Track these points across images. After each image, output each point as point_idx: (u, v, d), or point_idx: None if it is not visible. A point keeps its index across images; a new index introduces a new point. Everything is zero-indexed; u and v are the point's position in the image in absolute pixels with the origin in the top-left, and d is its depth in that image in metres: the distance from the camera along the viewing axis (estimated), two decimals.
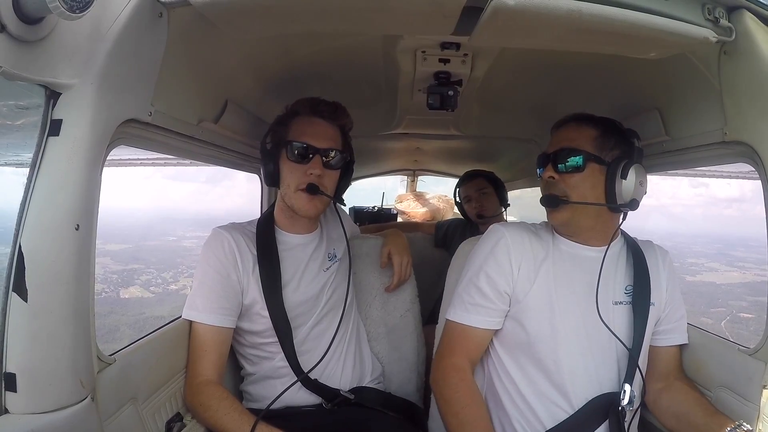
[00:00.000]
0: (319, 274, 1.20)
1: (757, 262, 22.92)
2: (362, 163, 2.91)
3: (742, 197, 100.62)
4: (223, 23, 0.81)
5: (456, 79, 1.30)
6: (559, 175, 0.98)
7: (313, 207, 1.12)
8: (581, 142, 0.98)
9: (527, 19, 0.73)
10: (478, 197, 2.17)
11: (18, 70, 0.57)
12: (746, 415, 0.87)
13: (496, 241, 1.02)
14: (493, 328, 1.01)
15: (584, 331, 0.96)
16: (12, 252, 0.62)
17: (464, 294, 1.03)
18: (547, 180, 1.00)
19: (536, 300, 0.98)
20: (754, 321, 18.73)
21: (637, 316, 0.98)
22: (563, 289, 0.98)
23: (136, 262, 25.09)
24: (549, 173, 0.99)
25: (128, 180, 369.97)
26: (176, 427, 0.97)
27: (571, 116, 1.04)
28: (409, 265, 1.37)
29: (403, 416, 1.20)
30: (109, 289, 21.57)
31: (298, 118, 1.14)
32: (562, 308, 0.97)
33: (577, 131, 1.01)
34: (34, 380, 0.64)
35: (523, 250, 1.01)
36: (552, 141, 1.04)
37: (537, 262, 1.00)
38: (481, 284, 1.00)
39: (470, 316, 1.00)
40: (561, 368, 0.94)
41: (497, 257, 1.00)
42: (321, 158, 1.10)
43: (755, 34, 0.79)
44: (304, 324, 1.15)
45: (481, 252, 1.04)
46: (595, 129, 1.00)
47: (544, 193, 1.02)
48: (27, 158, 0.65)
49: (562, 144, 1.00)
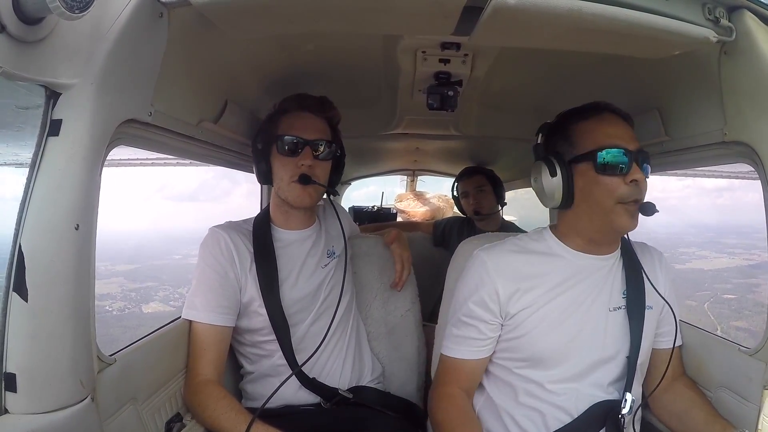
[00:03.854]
0: (316, 271, 1.20)
1: (746, 247, 23.76)
2: (362, 163, 2.94)
3: (730, 186, 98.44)
4: (223, 23, 0.81)
5: (456, 79, 1.30)
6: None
7: (307, 196, 1.13)
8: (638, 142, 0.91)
9: (527, 18, 0.73)
10: (476, 194, 2.19)
11: (18, 71, 0.57)
12: (746, 415, 0.87)
13: (476, 269, 0.98)
14: (483, 357, 0.98)
15: (584, 340, 0.94)
16: (12, 252, 0.62)
17: (453, 328, 1.00)
18: (631, 183, 0.88)
19: (531, 317, 0.94)
20: (736, 300, 19.37)
21: (633, 321, 0.96)
22: (563, 300, 0.95)
23: (150, 280, 26.34)
24: (639, 174, 0.88)
25: (125, 201, 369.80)
26: (176, 427, 0.96)
27: (607, 106, 0.95)
28: (409, 259, 1.39)
29: (402, 416, 1.20)
30: (131, 305, 23.49)
31: (287, 115, 1.16)
32: (560, 320, 0.94)
33: (629, 128, 0.93)
34: (34, 380, 0.64)
35: (509, 271, 0.96)
36: (610, 133, 0.91)
37: (527, 281, 0.95)
38: (466, 317, 0.97)
39: (459, 349, 0.98)
40: (560, 378, 0.93)
41: (480, 286, 0.96)
42: (311, 150, 1.12)
43: (756, 34, 0.79)
44: (302, 321, 1.15)
45: (464, 283, 1.00)
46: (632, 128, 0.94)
47: (627, 197, 0.88)
48: (27, 158, 0.65)
49: (635, 143, 0.91)
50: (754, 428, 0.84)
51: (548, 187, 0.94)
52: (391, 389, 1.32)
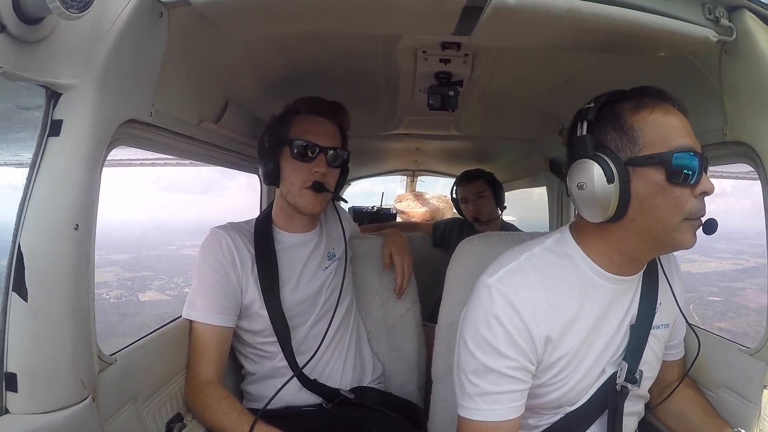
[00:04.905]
0: (317, 273, 1.20)
1: (735, 252, 24.72)
2: (362, 163, 2.94)
3: (722, 191, 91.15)
4: (223, 23, 0.82)
5: (457, 79, 1.30)
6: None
7: (318, 204, 1.13)
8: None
9: (527, 18, 0.73)
10: (476, 200, 2.13)
11: (18, 71, 0.57)
12: (746, 415, 0.87)
13: (502, 309, 0.75)
14: (519, 415, 0.77)
15: (597, 366, 0.83)
16: (12, 252, 0.62)
17: (474, 379, 0.76)
18: (701, 196, 0.72)
19: (565, 359, 0.79)
20: (720, 303, 20.42)
21: (635, 342, 0.84)
22: (594, 337, 0.81)
23: (145, 269, 27.01)
24: (709, 185, 0.71)
25: (121, 193, 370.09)
26: (177, 427, 0.96)
27: (664, 93, 0.77)
28: (410, 264, 1.37)
29: (403, 416, 1.20)
30: (127, 293, 24.25)
31: (300, 117, 1.14)
32: (586, 358, 0.81)
33: (689, 124, 0.75)
34: (34, 380, 0.64)
35: (541, 309, 0.76)
36: (680, 129, 0.73)
37: (563, 316, 0.78)
38: (495, 363, 0.75)
39: (490, 409, 0.75)
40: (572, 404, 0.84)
41: (508, 329, 0.75)
42: (325, 156, 1.11)
43: (756, 34, 0.79)
44: (303, 323, 1.15)
45: (482, 325, 0.76)
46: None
47: (696, 213, 0.72)
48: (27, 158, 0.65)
49: (698, 144, 0.74)
50: (755, 428, 0.84)
51: (603, 196, 0.72)
52: (392, 389, 1.32)
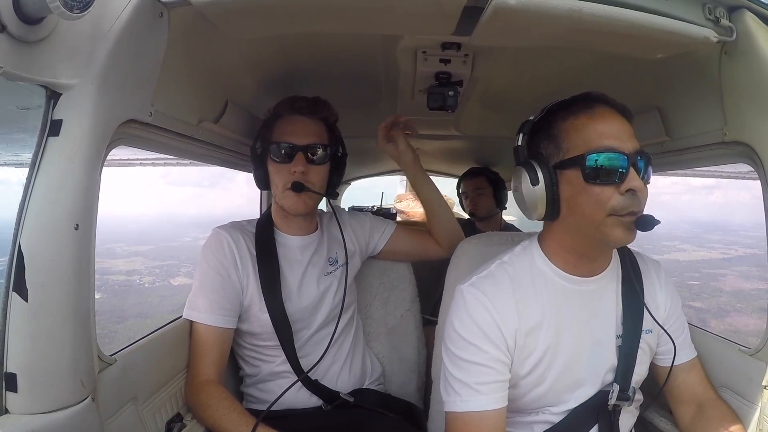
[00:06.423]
0: (320, 279, 1.19)
1: (727, 243, 25.47)
2: (361, 163, 2.94)
3: (717, 184, 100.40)
4: (223, 23, 0.82)
5: (457, 79, 1.30)
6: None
7: (302, 204, 1.12)
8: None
9: (528, 18, 0.73)
10: (474, 196, 2.22)
11: (18, 71, 0.57)
12: (746, 415, 0.87)
13: (474, 308, 0.83)
14: (503, 406, 0.81)
15: (577, 373, 0.86)
16: (12, 252, 0.62)
17: (456, 374, 0.82)
18: (627, 193, 0.75)
19: (536, 355, 0.84)
20: (698, 286, 21.94)
21: (627, 350, 0.87)
22: (562, 338, 0.85)
23: (169, 259, 28.11)
24: (637, 182, 0.74)
25: (130, 187, 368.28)
26: (176, 427, 0.96)
27: (599, 98, 0.81)
28: (411, 149, 1.32)
29: (402, 417, 1.20)
30: (159, 279, 25.70)
31: (281, 119, 1.14)
32: (558, 360, 0.84)
33: (626, 124, 0.79)
34: (34, 380, 0.64)
35: (510, 310, 0.83)
36: (603, 131, 0.76)
37: (527, 321, 0.83)
38: (473, 356, 0.81)
39: (474, 399, 0.80)
40: (545, 404, 0.87)
41: (481, 325, 0.82)
42: (303, 155, 1.10)
43: (756, 34, 0.79)
44: (306, 328, 1.15)
45: (458, 324, 0.84)
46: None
47: (621, 209, 0.75)
48: (27, 158, 0.65)
49: (633, 141, 0.77)
50: (755, 428, 0.84)
51: (529, 197, 0.80)
52: (391, 389, 1.32)
